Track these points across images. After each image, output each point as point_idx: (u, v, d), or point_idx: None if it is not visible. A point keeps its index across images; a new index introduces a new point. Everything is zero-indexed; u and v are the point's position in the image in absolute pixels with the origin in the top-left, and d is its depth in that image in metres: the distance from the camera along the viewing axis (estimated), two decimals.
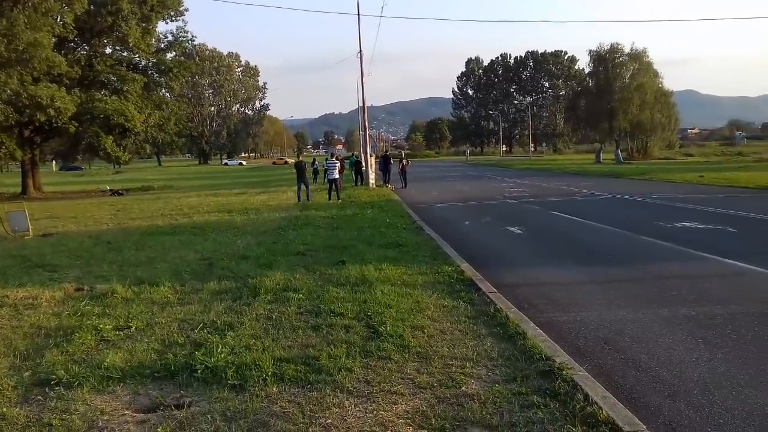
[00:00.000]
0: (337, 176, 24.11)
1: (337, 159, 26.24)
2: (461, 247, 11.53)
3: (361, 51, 32.97)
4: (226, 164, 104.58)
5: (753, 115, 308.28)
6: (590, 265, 9.88)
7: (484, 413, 4.22)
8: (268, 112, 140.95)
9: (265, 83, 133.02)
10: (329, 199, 23.49)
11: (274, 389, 4.76)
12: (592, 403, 4.21)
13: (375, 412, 4.34)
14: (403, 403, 4.47)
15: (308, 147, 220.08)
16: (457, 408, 4.34)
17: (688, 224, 14.10)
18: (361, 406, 4.44)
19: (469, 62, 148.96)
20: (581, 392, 4.40)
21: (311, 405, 4.45)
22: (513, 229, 14.53)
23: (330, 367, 5.13)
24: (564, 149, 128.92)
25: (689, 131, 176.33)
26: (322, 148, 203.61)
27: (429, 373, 5.01)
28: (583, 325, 6.51)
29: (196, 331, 6.35)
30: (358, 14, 32.73)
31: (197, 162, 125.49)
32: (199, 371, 5.09)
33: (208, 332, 6.25)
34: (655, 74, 76.10)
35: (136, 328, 6.56)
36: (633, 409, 4.23)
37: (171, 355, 5.55)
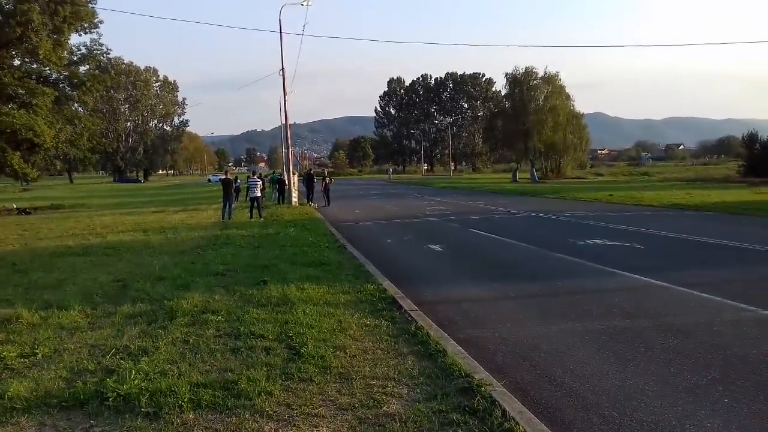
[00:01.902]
0: (258, 194, 23.90)
1: (258, 177, 25.97)
2: (384, 265, 11.61)
3: (283, 68, 32.83)
4: (209, 180, 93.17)
5: (657, 136, 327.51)
6: (507, 282, 10.17)
7: None
8: (187, 128, 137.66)
9: (184, 98, 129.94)
10: (251, 217, 23.14)
11: (190, 416, 4.62)
12: (509, 418, 4.32)
13: None
14: (324, 425, 4.44)
15: (230, 164, 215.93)
16: (378, 428, 4.34)
17: (598, 241, 14.77)
18: (281, 431, 4.37)
19: (391, 82, 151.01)
20: (499, 408, 4.50)
21: (229, 431, 4.35)
22: (434, 246, 14.77)
23: (249, 391, 5.03)
24: (482, 168, 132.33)
25: (599, 152, 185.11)
26: (244, 166, 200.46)
27: (350, 393, 5.00)
28: (501, 341, 6.68)
29: (108, 357, 6.08)
30: (280, 32, 32.67)
31: (112, 179, 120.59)
32: (110, 399, 4.87)
33: (121, 358, 6.00)
34: (567, 97, 79.44)
35: (42, 355, 6.22)
36: (549, 424, 4.37)
37: (80, 383, 5.29)
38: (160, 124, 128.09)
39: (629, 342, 6.43)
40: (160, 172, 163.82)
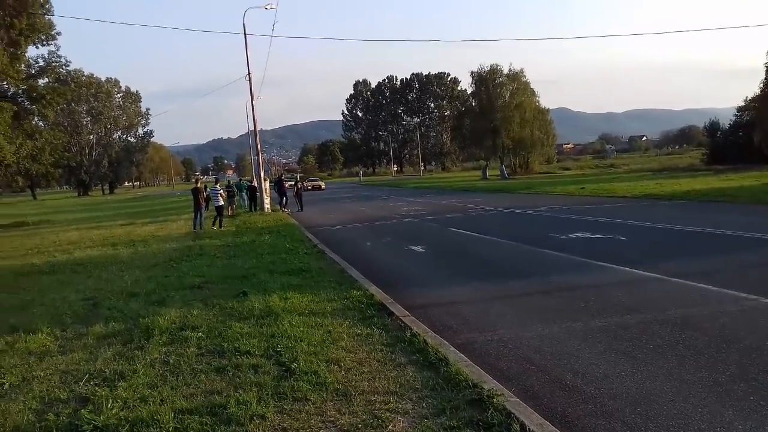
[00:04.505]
0: (221, 203, 23.42)
1: (219, 186, 25.49)
2: (366, 269, 11.22)
3: (249, 73, 32.15)
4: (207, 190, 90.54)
5: (620, 129, 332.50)
6: (496, 281, 9.86)
7: None
8: (152, 139, 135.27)
9: (148, 109, 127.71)
10: (213, 226, 22.49)
11: None
12: None
13: None
14: None
15: (197, 173, 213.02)
16: None
17: (580, 234, 14.58)
18: None
19: (357, 84, 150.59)
20: (516, 422, 4.14)
21: None
22: (415, 247, 14.42)
23: (240, 415, 4.60)
24: (452, 167, 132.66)
25: (564, 146, 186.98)
26: (212, 174, 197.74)
27: (351, 412, 4.60)
28: (502, 344, 6.34)
29: (82, 383, 5.59)
30: (245, 33, 31.82)
31: (77, 194, 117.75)
32: None
33: (96, 384, 5.51)
34: (533, 93, 79.97)
35: (9, 385, 5.73)
36: None
37: (52, 415, 4.82)
38: (124, 136, 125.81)
39: (636, 339, 6.14)
40: (126, 184, 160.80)
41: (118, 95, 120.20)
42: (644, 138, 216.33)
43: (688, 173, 49.15)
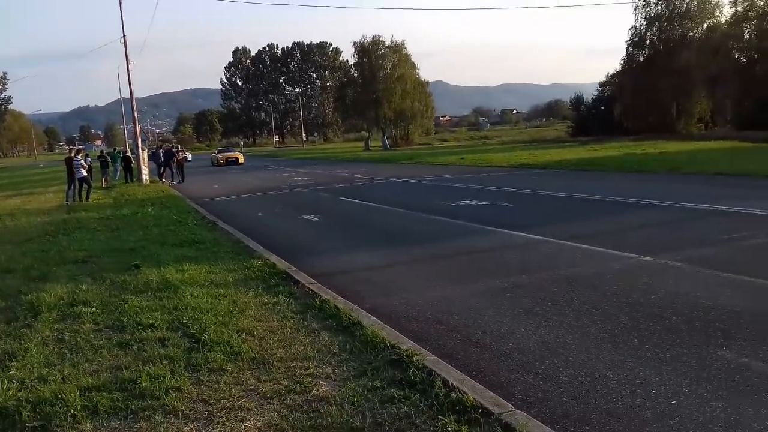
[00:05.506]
0: (85, 174, 21.53)
1: (81, 156, 23.25)
2: (263, 239, 10.98)
3: (124, 35, 30.03)
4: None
5: (493, 102, 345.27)
6: (395, 247, 10.04)
7: (344, 416, 3.86)
8: (10, 107, 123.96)
9: (5, 73, 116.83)
10: (74, 200, 20.79)
11: (88, 426, 3.93)
12: (453, 388, 4.08)
13: None
14: (252, 419, 3.95)
15: (61, 143, 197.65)
16: (314, 415, 3.93)
17: (468, 202, 15.11)
18: (204, 431, 3.83)
19: (236, 52, 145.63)
20: (438, 378, 4.26)
21: None
22: (309, 217, 14.31)
23: (153, 389, 4.38)
24: (334, 138, 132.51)
25: (441, 118, 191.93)
26: (78, 144, 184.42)
27: (272, 380, 4.52)
28: (410, 307, 6.47)
29: None
30: None
31: None
32: None
33: None
34: (413, 66, 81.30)
35: None
36: (490, 388, 4.20)
37: None
38: None
39: (534, 297, 6.49)
40: None
41: None
42: (515, 111, 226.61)
43: (556, 144, 52.33)
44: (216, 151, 56.07)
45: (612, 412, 3.88)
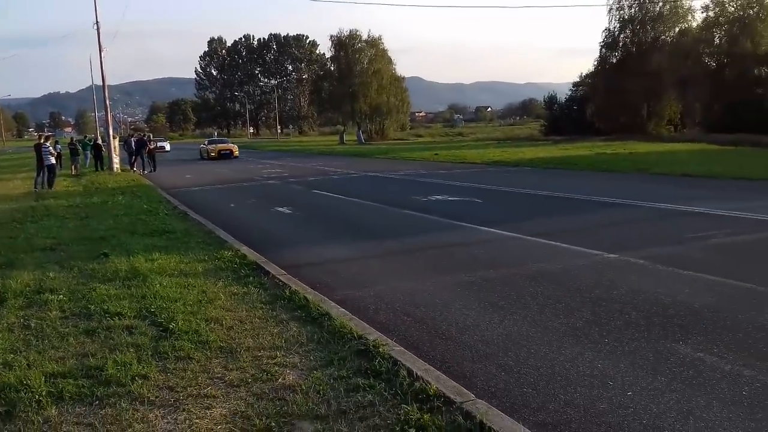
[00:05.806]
0: (53, 162, 21.13)
1: (50, 144, 22.72)
2: (235, 230, 10.95)
3: (97, 21, 29.48)
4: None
5: (468, 99, 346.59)
6: (366, 240, 10.11)
7: (309, 404, 3.93)
8: None
9: None
10: (42, 187, 20.45)
11: (53, 411, 3.92)
12: (417, 377, 4.17)
13: (188, 421, 3.80)
14: (218, 406, 3.99)
15: (30, 130, 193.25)
16: (279, 403, 3.98)
17: (440, 197, 15.24)
18: (169, 417, 3.86)
19: (211, 42, 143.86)
20: (403, 368, 4.34)
21: (108, 425, 3.74)
22: (282, 209, 14.30)
23: (119, 376, 4.39)
24: (309, 131, 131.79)
25: (417, 114, 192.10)
26: (47, 131, 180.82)
27: (239, 368, 4.56)
28: (378, 299, 6.55)
29: None
30: None
31: None
32: None
33: None
34: (390, 61, 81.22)
35: None
36: (453, 378, 4.29)
37: None
38: None
39: (500, 291, 6.61)
40: None
41: None
42: (489, 109, 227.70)
43: (529, 143, 52.75)
44: (206, 142, 47.79)
45: (570, 402, 4.01)
